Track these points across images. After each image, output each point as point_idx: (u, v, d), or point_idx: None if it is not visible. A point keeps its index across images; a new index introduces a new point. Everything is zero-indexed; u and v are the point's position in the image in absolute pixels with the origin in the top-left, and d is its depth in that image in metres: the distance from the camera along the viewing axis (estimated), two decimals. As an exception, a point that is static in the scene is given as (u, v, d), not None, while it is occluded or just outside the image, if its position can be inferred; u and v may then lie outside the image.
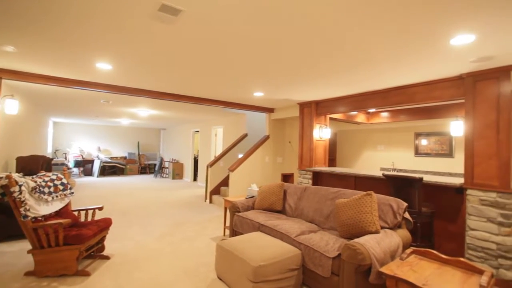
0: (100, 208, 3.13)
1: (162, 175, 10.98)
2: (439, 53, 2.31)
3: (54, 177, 2.94)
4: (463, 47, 2.16)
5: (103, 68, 3.02)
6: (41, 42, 2.32)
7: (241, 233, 3.16)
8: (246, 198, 3.65)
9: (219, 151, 7.86)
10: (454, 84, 2.95)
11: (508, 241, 2.42)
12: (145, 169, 12.10)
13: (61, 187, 2.93)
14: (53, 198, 2.78)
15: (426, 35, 1.96)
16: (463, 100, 2.90)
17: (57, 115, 8.14)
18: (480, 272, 1.72)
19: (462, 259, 1.78)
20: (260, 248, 2.31)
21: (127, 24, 1.93)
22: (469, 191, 2.71)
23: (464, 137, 2.80)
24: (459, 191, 2.89)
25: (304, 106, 4.95)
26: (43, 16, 1.85)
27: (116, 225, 4.14)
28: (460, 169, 4.65)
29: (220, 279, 2.49)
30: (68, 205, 3.00)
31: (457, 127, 3.47)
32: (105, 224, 2.91)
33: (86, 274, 2.54)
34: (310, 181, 4.61)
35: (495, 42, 2.05)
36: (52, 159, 5.66)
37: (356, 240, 2.04)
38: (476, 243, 2.60)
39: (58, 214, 2.84)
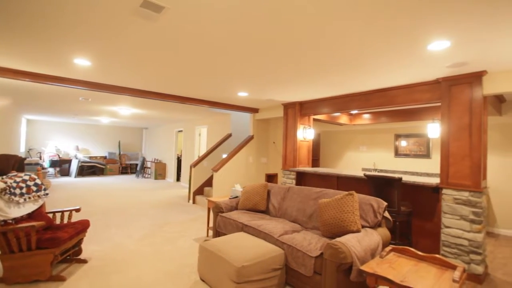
0: (77, 210, 3.00)
1: (144, 175, 10.73)
2: (417, 58, 2.40)
3: (26, 177, 2.80)
4: (439, 53, 2.26)
5: (82, 64, 2.90)
6: (9, 33, 2.16)
7: (225, 234, 3.14)
8: (230, 198, 3.63)
9: (203, 151, 7.78)
10: (432, 88, 3.10)
11: (479, 237, 2.57)
12: (126, 169, 11.76)
13: (34, 188, 2.78)
14: (25, 199, 2.64)
15: (406, 41, 2.04)
16: (439, 104, 3.04)
17: (31, 112, 7.74)
18: (453, 268, 1.80)
19: (437, 255, 1.86)
20: (243, 248, 2.30)
21: (107, 19, 1.86)
22: (444, 191, 2.84)
23: (440, 139, 2.92)
24: (436, 190, 3.00)
25: (288, 107, 5.00)
26: (17, 9, 1.74)
27: (94, 227, 3.99)
28: (437, 170, 4.87)
29: (203, 281, 2.46)
30: (42, 207, 2.86)
31: (434, 129, 3.56)
32: (82, 226, 2.79)
33: (61, 279, 2.42)
34: (294, 181, 4.63)
35: (468, 49, 2.16)
36: (25, 159, 5.38)
37: (338, 239, 2.08)
38: (450, 240, 2.72)
39: (31, 216, 2.69)
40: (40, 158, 9.75)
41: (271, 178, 5.69)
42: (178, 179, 9.24)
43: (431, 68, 2.68)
